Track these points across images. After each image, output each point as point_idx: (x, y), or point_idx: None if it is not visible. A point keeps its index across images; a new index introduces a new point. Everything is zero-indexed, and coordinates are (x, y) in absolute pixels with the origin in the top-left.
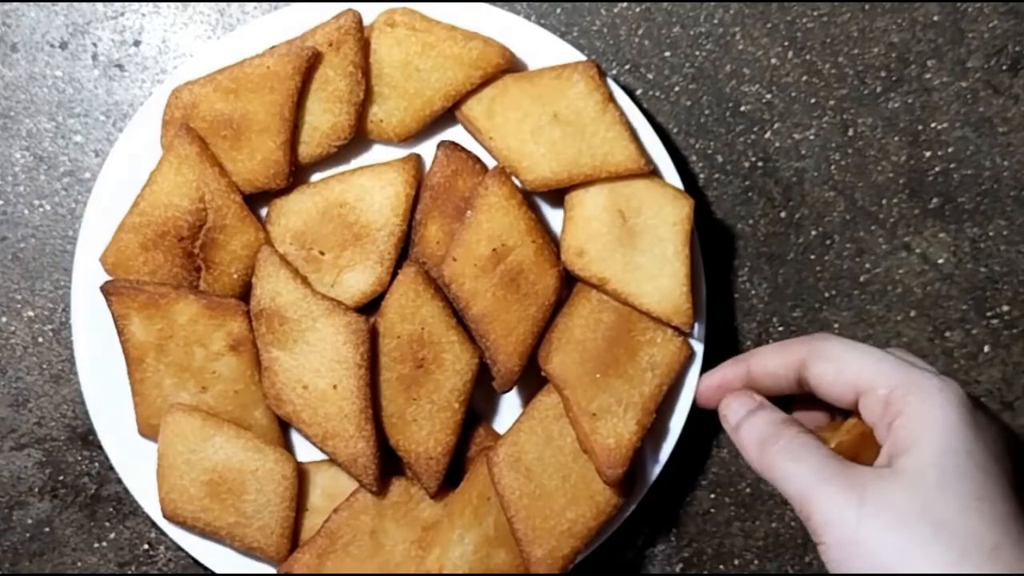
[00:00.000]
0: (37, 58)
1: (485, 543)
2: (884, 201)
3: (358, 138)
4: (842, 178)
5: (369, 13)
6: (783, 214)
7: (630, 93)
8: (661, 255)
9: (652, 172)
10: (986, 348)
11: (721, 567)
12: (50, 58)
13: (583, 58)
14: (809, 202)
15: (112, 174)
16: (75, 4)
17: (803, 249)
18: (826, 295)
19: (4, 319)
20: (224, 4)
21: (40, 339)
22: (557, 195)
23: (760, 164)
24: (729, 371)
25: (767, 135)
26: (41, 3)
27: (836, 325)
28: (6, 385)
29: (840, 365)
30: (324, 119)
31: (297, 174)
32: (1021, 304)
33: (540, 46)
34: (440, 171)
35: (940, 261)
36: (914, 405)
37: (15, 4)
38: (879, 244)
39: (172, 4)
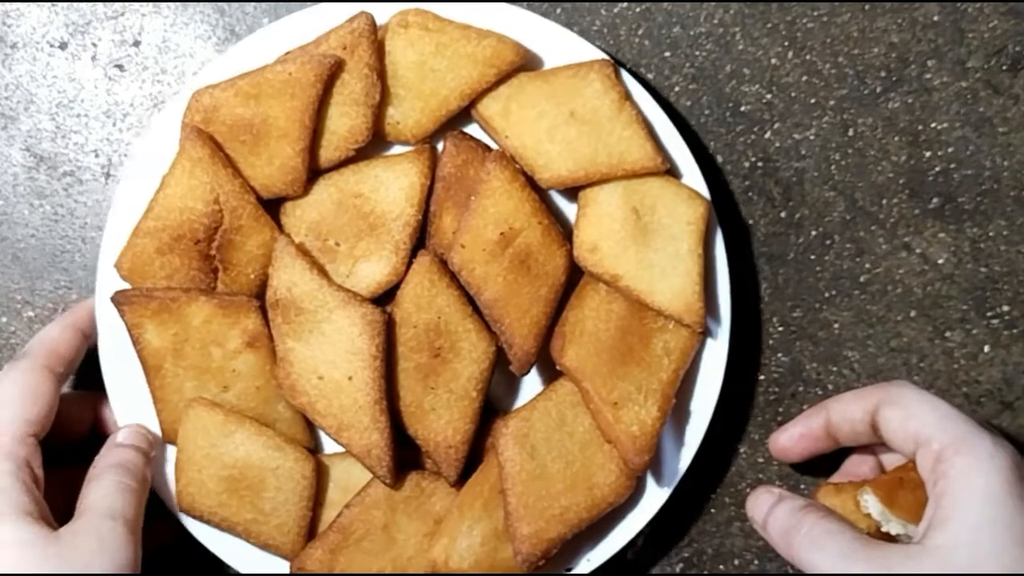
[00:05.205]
0: (37, 58)
1: (493, 536)
2: (884, 201)
3: (375, 140)
4: (842, 178)
5: (382, 15)
6: (783, 214)
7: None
8: (674, 254)
9: (668, 171)
10: (986, 348)
11: (721, 567)
12: (50, 58)
13: (599, 55)
14: (809, 202)
15: (134, 178)
16: (75, 4)
17: (803, 249)
18: (826, 295)
19: (4, 319)
20: (224, 4)
21: None
22: (570, 189)
23: (760, 164)
24: (810, 420)
25: (767, 135)
26: (41, 3)
27: (836, 325)
28: None
29: (907, 413)
30: (341, 123)
31: (314, 177)
32: (1021, 304)
33: (555, 43)
34: (450, 161)
35: (940, 261)
36: (960, 467)
37: (15, 4)
38: (879, 244)
39: (172, 4)
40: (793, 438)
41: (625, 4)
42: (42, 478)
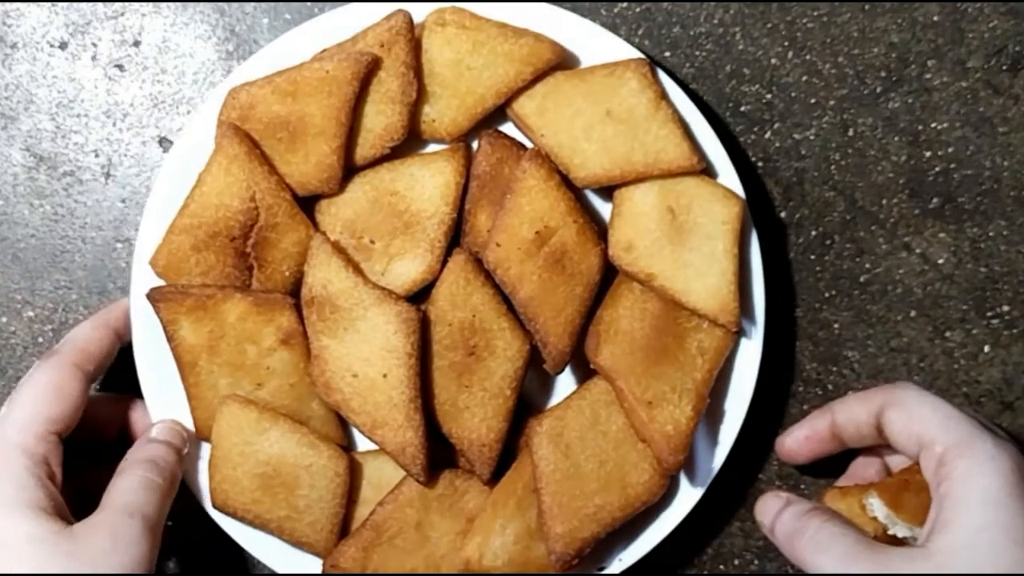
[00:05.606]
0: (37, 58)
1: (526, 535)
2: (884, 201)
3: (411, 138)
4: (842, 178)
5: (419, 13)
6: (783, 214)
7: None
8: (710, 253)
9: (703, 170)
10: (986, 348)
11: (721, 567)
12: (50, 58)
13: (635, 54)
14: (809, 202)
15: (170, 176)
16: (75, 4)
17: (803, 249)
18: (826, 295)
19: (4, 319)
20: (224, 4)
21: (40, 339)
22: (605, 188)
23: (760, 164)
24: (815, 423)
25: (767, 135)
26: (41, 3)
27: (836, 325)
28: (6, 385)
29: (910, 415)
30: (377, 120)
31: (350, 175)
32: (1021, 304)
33: (592, 42)
34: (486, 160)
35: (940, 261)
36: (961, 469)
37: (15, 4)
38: (879, 244)
39: (172, 4)
40: (798, 441)
41: (625, 4)
42: (60, 476)
